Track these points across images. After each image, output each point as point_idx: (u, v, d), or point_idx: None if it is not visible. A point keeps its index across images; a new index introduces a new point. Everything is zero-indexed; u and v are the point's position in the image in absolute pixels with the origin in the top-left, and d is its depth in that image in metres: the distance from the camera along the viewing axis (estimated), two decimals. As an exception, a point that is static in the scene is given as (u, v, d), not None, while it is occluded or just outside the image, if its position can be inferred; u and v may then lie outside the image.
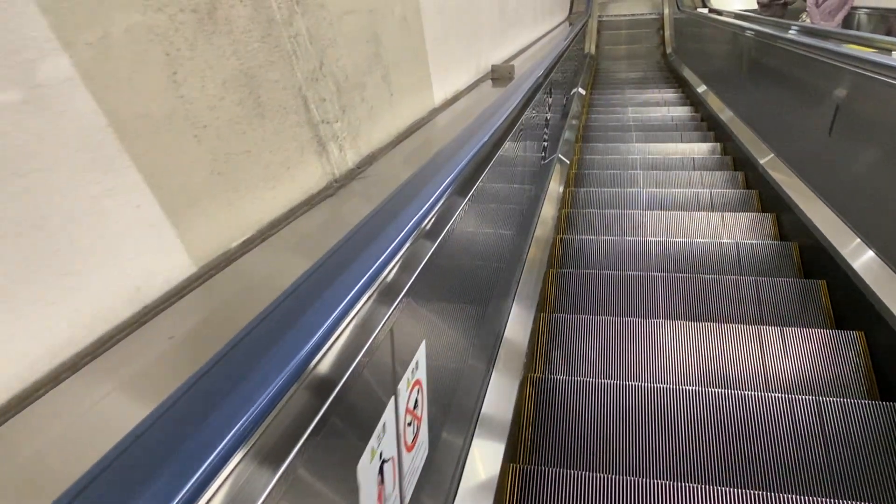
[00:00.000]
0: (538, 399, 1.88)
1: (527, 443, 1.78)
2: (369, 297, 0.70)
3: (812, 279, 2.46)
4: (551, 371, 2.14)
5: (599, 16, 9.99)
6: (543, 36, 5.18)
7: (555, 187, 3.40)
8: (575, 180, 3.89)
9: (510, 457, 1.64)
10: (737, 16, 6.05)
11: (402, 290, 0.83)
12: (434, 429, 1.07)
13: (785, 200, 2.95)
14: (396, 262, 0.79)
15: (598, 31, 9.77)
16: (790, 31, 3.68)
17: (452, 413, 1.28)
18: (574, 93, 5.64)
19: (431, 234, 0.99)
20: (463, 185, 1.26)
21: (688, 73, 7.13)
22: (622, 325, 2.21)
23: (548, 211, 3.12)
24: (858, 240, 2.32)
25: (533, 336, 2.17)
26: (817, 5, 5.81)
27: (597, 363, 2.14)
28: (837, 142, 2.63)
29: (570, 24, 7.72)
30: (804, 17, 6.21)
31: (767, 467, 1.63)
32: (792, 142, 3.24)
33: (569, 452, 1.75)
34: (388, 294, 0.77)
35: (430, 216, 0.95)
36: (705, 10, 7.42)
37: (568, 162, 3.91)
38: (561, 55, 3.72)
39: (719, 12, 7.09)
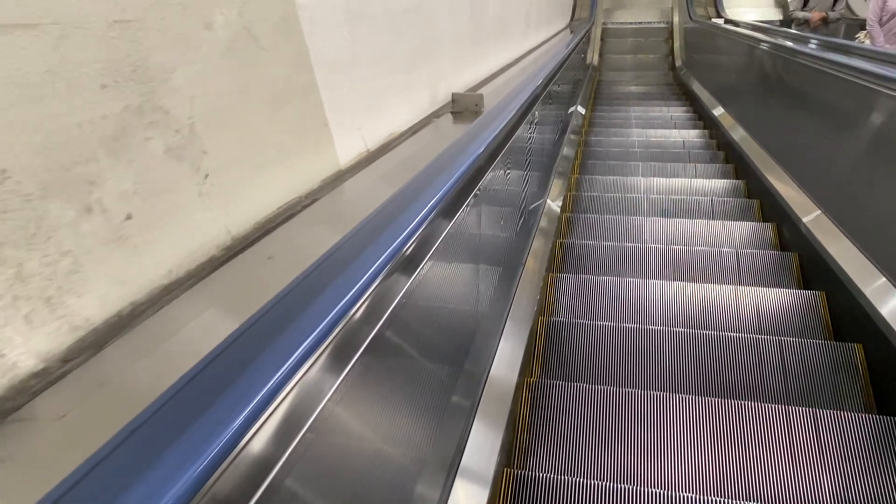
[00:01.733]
0: None
1: None
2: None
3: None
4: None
5: (604, 23, 9.26)
6: (539, 46, 4.46)
7: (539, 247, 2.67)
8: (567, 229, 3.16)
9: None
10: (762, 29, 5.32)
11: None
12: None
13: (851, 292, 2.21)
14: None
15: (602, 40, 9.04)
16: (842, 54, 2.94)
17: None
18: (572, 111, 4.91)
19: None
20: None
21: (698, 89, 6.40)
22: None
23: (528, 287, 2.38)
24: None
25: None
26: (881, 23, 4.97)
27: None
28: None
29: (572, 32, 7.01)
30: (862, 36, 5.38)
31: (762, 479, 1.57)
32: (851, 198, 2.50)
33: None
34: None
35: None
36: (720, 21, 6.69)
37: (557, 211, 3.17)
38: (554, 74, 3.00)
39: (736, 23, 6.36)
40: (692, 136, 5.25)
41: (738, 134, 4.47)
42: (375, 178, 1.33)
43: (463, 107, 2.06)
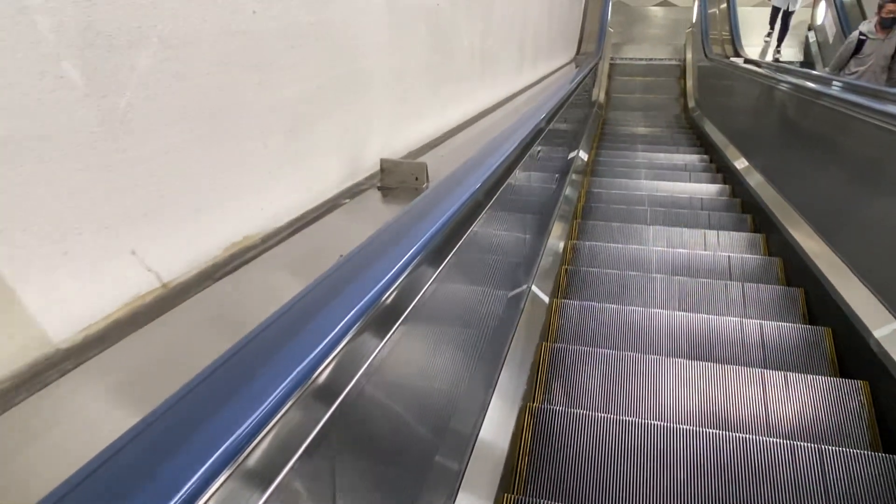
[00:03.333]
0: None
1: None
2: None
3: None
4: None
5: (612, 58, 8.68)
6: (537, 83, 3.80)
7: (518, 354, 1.93)
8: (559, 326, 2.44)
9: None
10: (791, 72, 4.68)
11: None
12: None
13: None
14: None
15: (610, 76, 8.45)
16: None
17: None
18: (573, 158, 4.23)
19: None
20: None
21: (714, 134, 5.75)
22: None
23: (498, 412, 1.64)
24: None
25: None
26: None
27: None
28: None
29: (577, 67, 6.39)
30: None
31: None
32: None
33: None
34: None
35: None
36: (739, 60, 6.06)
37: (547, 302, 2.44)
38: (550, 119, 2.32)
39: (758, 63, 5.73)
40: (711, 191, 4.56)
41: (765, 192, 3.78)
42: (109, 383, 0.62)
43: (397, 180, 1.36)
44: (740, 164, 4.56)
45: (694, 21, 8.24)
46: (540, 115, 2.13)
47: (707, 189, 4.61)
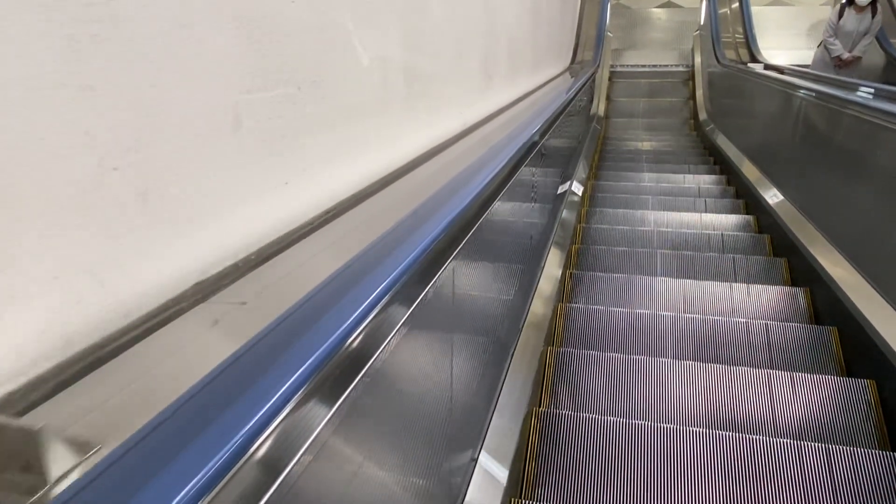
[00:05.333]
0: None
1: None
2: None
3: None
4: None
5: (612, 66, 7.93)
6: (511, 105, 3.06)
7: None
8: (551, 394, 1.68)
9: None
10: (832, 82, 3.90)
11: None
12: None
13: None
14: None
15: (610, 83, 7.69)
16: None
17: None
18: (565, 193, 3.46)
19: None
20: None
21: (734, 154, 4.97)
22: None
23: None
24: None
25: None
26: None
27: None
28: None
29: (573, 77, 5.65)
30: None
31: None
32: None
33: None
34: None
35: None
36: (758, 66, 5.29)
37: (536, 368, 1.67)
38: (493, 193, 1.56)
39: (781, 70, 4.96)
40: (731, 224, 3.79)
41: (803, 230, 3.01)
42: None
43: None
44: (767, 191, 3.79)
45: (702, 23, 7.48)
46: (491, 171, 1.37)
47: (727, 221, 3.84)
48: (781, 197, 3.57)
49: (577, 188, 3.84)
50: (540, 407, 1.95)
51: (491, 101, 2.47)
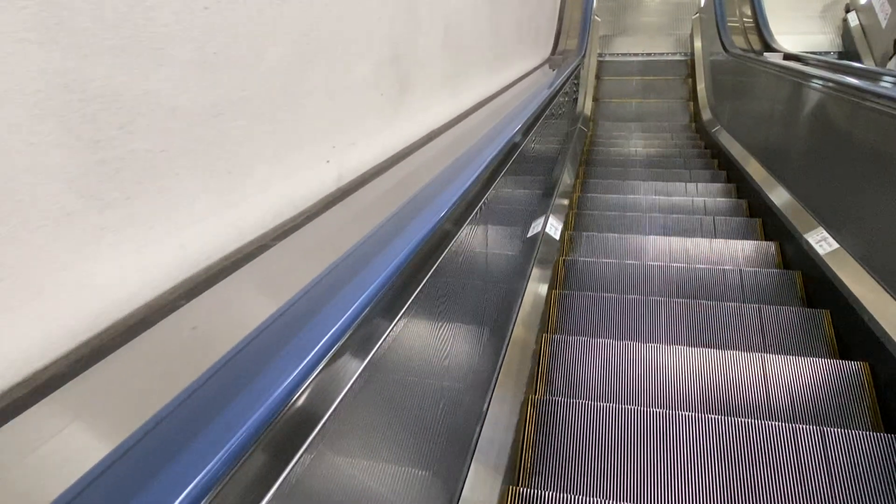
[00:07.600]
0: None
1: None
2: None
3: None
4: None
5: (600, 54, 6.99)
6: (463, 116, 2.13)
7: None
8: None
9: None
10: (873, 74, 2.99)
11: None
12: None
13: None
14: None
15: (598, 77, 6.75)
16: None
17: None
18: (538, 235, 2.55)
19: None
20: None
21: (744, 160, 4.08)
22: None
23: None
24: None
25: None
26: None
27: None
28: None
29: (553, 69, 4.72)
30: None
31: (766, 496, 1.48)
32: None
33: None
34: None
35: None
36: (777, 56, 4.37)
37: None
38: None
39: (804, 60, 4.05)
40: (750, 256, 2.92)
41: (848, 271, 2.13)
42: None
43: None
44: (793, 213, 2.89)
45: (702, 5, 6.56)
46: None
47: (744, 252, 2.96)
48: (812, 219, 2.69)
49: (553, 233, 2.91)
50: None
51: (405, 129, 1.54)
